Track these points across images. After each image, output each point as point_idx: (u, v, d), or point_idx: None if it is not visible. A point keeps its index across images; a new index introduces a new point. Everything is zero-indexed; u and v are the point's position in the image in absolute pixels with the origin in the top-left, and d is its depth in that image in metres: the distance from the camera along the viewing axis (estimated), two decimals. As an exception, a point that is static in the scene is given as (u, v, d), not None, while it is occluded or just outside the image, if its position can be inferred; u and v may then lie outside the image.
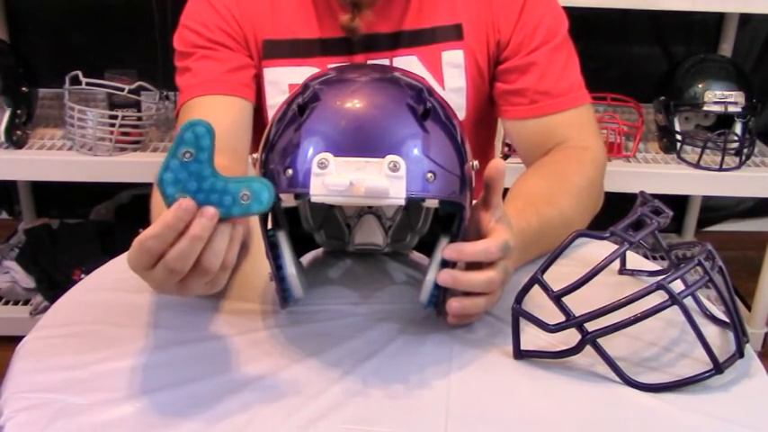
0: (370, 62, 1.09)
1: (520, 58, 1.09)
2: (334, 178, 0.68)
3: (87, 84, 1.77)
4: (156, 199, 0.92)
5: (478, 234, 0.79)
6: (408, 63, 1.09)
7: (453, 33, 1.10)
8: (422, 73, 1.09)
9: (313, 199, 0.70)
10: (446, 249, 0.76)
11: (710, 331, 0.84)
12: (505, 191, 0.92)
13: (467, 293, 0.79)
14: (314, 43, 1.09)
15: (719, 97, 1.84)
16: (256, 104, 1.10)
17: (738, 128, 1.87)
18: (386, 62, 1.09)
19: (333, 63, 1.08)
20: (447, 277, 0.76)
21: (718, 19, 2.27)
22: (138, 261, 0.67)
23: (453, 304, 0.78)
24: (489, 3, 1.09)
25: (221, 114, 1.05)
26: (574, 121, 1.10)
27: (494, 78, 1.13)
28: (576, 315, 0.74)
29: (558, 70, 1.09)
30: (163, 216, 0.65)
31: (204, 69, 1.07)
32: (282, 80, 1.10)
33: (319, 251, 0.97)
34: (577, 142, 1.08)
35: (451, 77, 1.11)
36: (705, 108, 1.87)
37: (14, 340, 0.81)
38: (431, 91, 0.77)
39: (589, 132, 1.10)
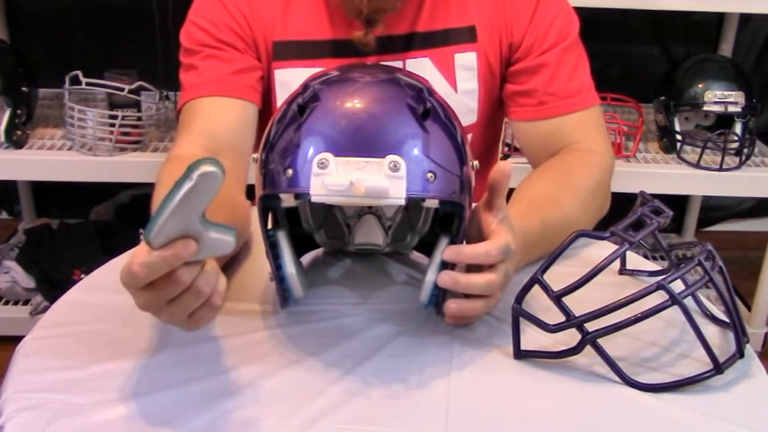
0: (370, 63, 1.08)
1: (531, 60, 1.09)
2: (334, 178, 0.68)
3: (87, 84, 1.77)
4: (161, 190, 0.91)
5: (480, 235, 0.79)
6: (421, 65, 1.09)
7: (467, 35, 1.09)
8: (434, 75, 1.08)
9: (313, 199, 0.70)
10: (446, 251, 0.76)
11: (711, 331, 0.84)
12: (510, 191, 0.92)
13: (466, 295, 0.79)
14: (325, 45, 1.08)
15: (719, 97, 1.84)
16: (264, 106, 1.10)
17: (738, 128, 1.87)
18: (399, 64, 1.09)
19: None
20: (447, 279, 0.76)
21: (719, 19, 2.27)
22: (125, 281, 0.65)
23: (451, 306, 0.78)
24: (502, 5, 1.09)
25: (225, 116, 1.04)
26: (582, 123, 1.09)
27: (504, 80, 1.13)
28: (577, 315, 0.74)
29: (567, 72, 1.09)
30: (163, 248, 0.62)
31: (210, 69, 1.06)
32: (293, 81, 1.08)
33: (319, 251, 0.97)
34: (585, 144, 1.07)
35: (464, 80, 1.10)
36: (705, 108, 1.87)
37: (14, 340, 0.81)
38: (431, 91, 0.77)
39: (597, 134, 1.10)
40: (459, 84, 1.10)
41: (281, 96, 1.10)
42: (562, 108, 1.09)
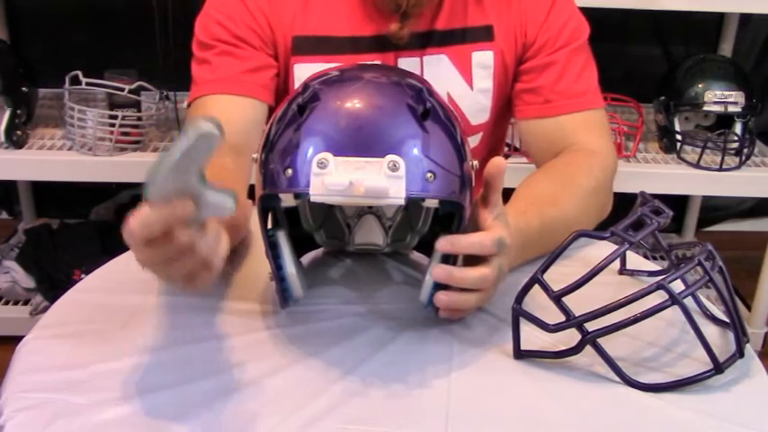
0: (368, 62, 1.08)
1: (540, 58, 1.10)
2: (333, 178, 0.68)
3: (87, 84, 1.77)
4: None
5: (476, 231, 0.79)
6: (438, 62, 1.09)
7: (484, 34, 1.10)
8: (451, 72, 1.09)
9: (313, 199, 0.70)
10: (440, 241, 0.76)
11: (711, 331, 0.84)
12: (511, 191, 0.92)
13: (461, 289, 0.79)
14: (345, 41, 1.08)
15: (719, 97, 1.84)
16: (279, 102, 1.09)
17: (738, 128, 1.87)
18: (417, 60, 1.09)
19: (363, 61, 1.07)
20: (441, 272, 0.77)
21: (719, 19, 2.26)
22: (126, 238, 0.65)
23: (441, 297, 0.78)
24: (518, 5, 1.10)
25: (235, 115, 1.04)
26: (586, 124, 1.10)
27: (514, 79, 1.13)
28: (577, 315, 0.74)
29: (575, 72, 1.10)
30: (160, 207, 0.62)
31: (223, 66, 1.06)
32: None
33: (319, 251, 0.97)
34: (587, 145, 1.08)
35: (480, 78, 1.11)
36: (705, 108, 1.86)
37: (14, 340, 0.81)
38: (431, 91, 0.77)
39: (600, 136, 1.10)
40: (476, 82, 1.11)
41: None
42: (567, 107, 1.09)
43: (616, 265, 0.94)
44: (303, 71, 1.08)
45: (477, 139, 1.15)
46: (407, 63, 1.09)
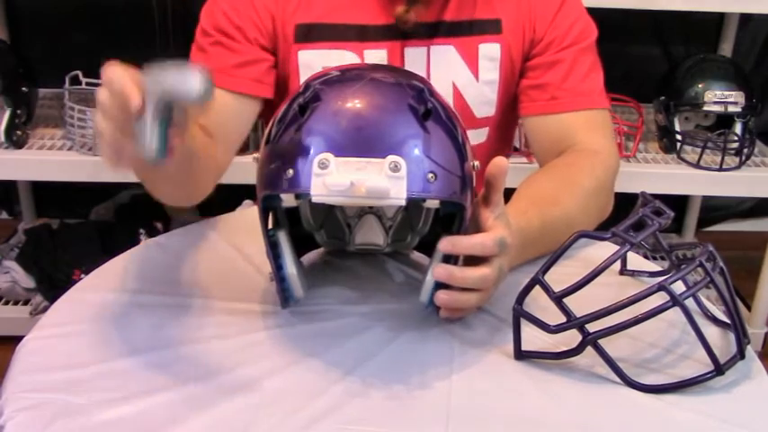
0: (369, 62, 1.08)
1: (548, 55, 1.10)
2: (334, 178, 0.68)
3: (87, 84, 1.77)
4: None
5: (477, 231, 0.79)
6: (445, 52, 1.09)
7: (492, 27, 1.10)
8: (458, 63, 1.09)
9: (314, 199, 0.70)
10: (442, 242, 0.76)
11: (711, 332, 0.83)
12: (511, 191, 0.92)
13: (461, 288, 0.79)
14: (351, 28, 1.08)
15: (719, 97, 1.84)
16: (282, 90, 1.08)
17: (738, 128, 1.87)
18: (423, 51, 1.09)
19: (369, 49, 1.07)
20: (442, 272, 0.77)
21: (719, 19, 2.26)
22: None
23: (441, 296, 0.79)
24: (528, 2, 1.11)
25: (216, 107, 1.04)
26: (589, 123, 1.10)
27: (520, 74, 1.13)
28: (577, 316, 0.74)
29: (582, 72, 1.10)
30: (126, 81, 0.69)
31: (215, 57, 1.06)
32: (316, 63, 1.08)
33: (320, 251, 0.97)
34: (590, 145, 1.08)
35: (486, 70, 1.11)
36: (705, 108, 1.86)
37: (14, 340, 0.81)
38: (432, 91, 0.77)
39: (603, 136, 1.10)
40: (482, 73, 1.11)
41: (304, 78, 1.09)
42: (573, 104, 1.09)
43: (617, 265, 0.94)
44: (308, 58, 1.08)
45: (483, 135, 1.15)
46: (414, 52, 1.09)
